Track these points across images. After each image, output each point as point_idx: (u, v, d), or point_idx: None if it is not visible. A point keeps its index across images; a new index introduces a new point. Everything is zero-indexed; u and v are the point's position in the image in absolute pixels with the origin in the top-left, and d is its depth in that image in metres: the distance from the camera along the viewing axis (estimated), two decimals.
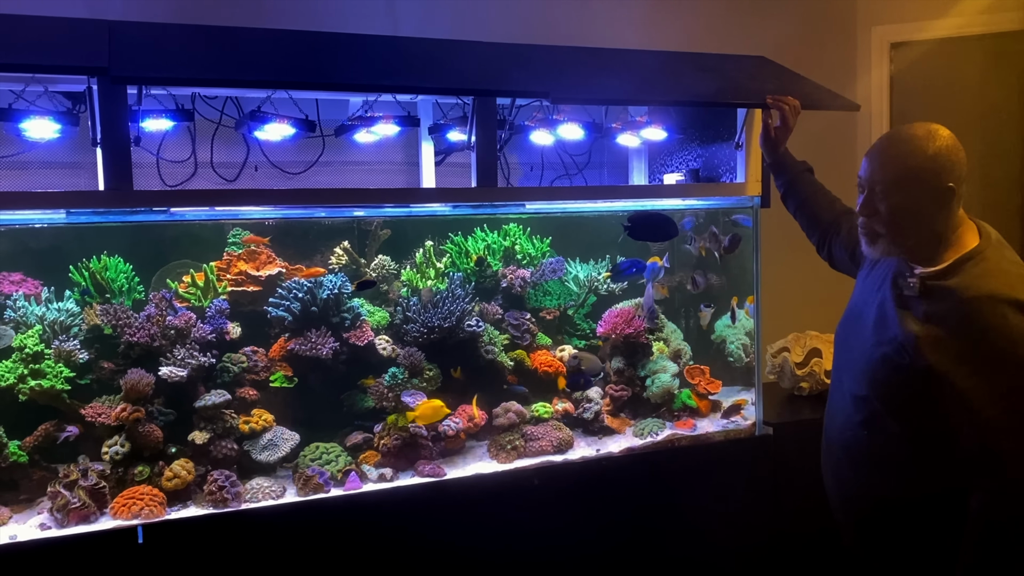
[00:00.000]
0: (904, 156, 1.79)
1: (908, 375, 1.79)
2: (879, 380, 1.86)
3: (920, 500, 1.86)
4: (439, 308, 2.84)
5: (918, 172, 1.78)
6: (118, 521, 2.31)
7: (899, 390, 1.83)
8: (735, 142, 2.94)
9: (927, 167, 1.77)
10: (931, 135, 1.78)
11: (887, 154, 1.83)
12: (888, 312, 1.87)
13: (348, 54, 2.63)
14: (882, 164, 1.83)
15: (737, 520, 2.92)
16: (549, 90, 2.42)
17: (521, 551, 2.64)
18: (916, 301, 1.81)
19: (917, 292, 1.81)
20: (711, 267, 3.26)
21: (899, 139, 1.82)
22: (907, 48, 4.00)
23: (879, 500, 1.94)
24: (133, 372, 2.49)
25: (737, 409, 3.10)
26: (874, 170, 1.84)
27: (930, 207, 1.79)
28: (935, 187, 1.78)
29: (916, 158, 1.78)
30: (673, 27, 3.65)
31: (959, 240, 1.82)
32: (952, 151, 1.78)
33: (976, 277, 1.75)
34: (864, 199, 1.87)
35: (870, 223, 1.87)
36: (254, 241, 2.80)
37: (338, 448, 2.66)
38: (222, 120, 2.89)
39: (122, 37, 2.26)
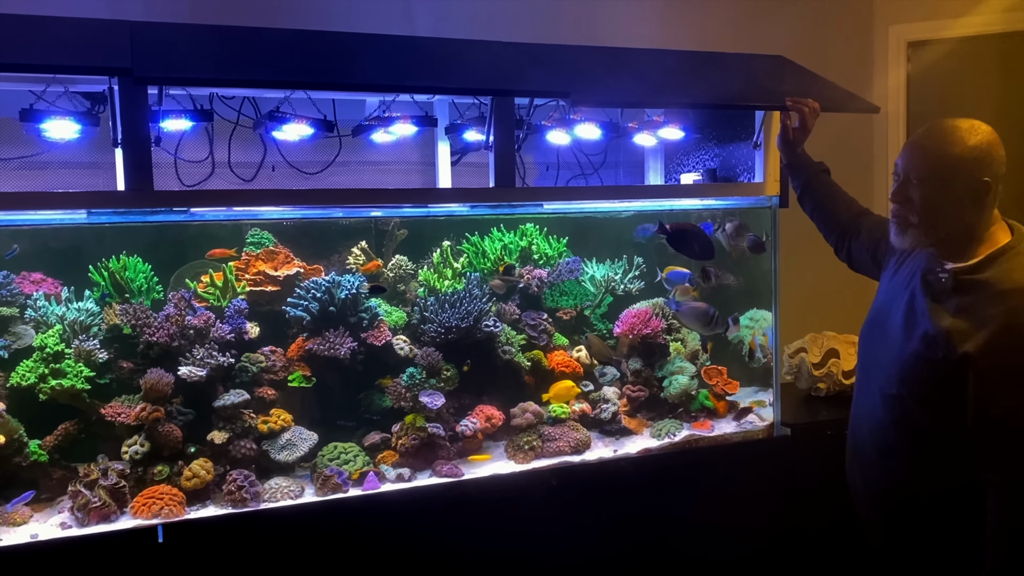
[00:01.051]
0: (943, 146, 1.79)
1: (941, 370, 1.79)
2: (911, 377, 1.86)
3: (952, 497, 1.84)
4: (457, 308, 2.84)
5: (956, 163, 1.78)
6: (138, 520, 2.32)
7: (932, 386, 1.83)
8: (753, 142, 2.92)
9: (966, 158, 1.77)
10: (973, 128, 1.79)
11: (926, 144, 1.83)
12: (918, 308, 1.86)
13: (366, 54, 2.63)
14: (921, 153, 1.83)
15: (755, 521, 2.91)
16: (569, 91, 2.41)
17: (539, 551, 2.64)
18: (948, 296, 1.81)
19: (950, 287, 1.80)
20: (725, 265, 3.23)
21: (940, 130, 1.82)
22: (925, 47, 3.97)
23: (910, 498, 1.93)
24: (153, 372, 2.50)
25: (747, 411, 3.09)
26: (912, 158, 1.84)
27: (964, 200, 1.79)
28: (972, 180, 1.78)
29: (955, 149, 1.78)
30: (688, 26, 3.64)
31: (991, 237, 1.82)
32: (992, 147, 1.78)
33: (1010, 271, 1.75)
34: (898, 186, 1.87)
35: (903, 211, 1.87)
36: (221, 255, 2.74)
37: (356, 448, 2.66)
38: (239, 120, 2.90)
39: (144, 37, 2.27)
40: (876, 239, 2.24)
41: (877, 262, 2.22)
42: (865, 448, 2.05)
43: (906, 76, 4.00)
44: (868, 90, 4.02)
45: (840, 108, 2.75)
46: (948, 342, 1.77)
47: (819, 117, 2.53)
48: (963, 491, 1.82)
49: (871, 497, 2.06)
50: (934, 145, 1.81)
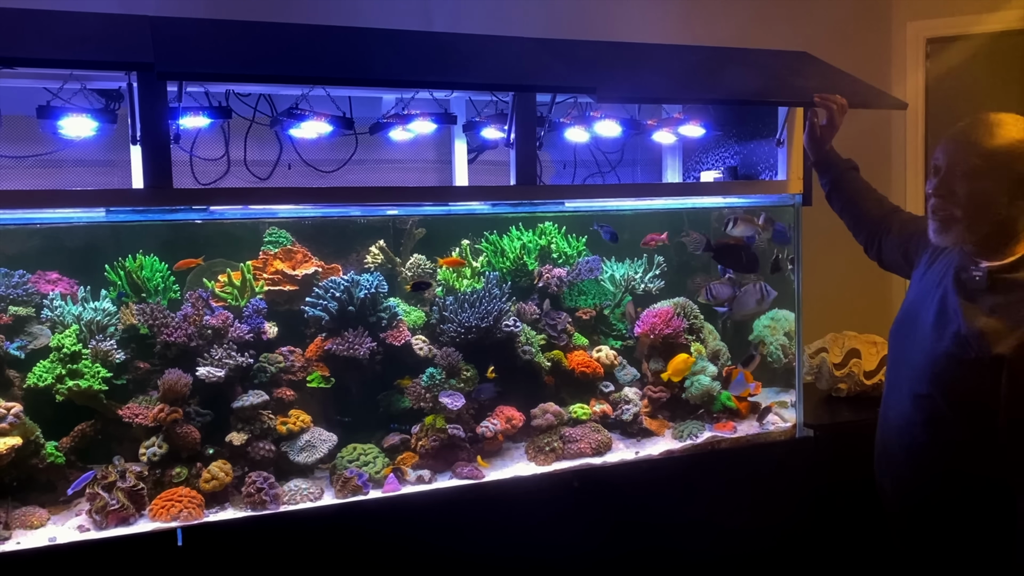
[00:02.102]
0: (989, 139, 1.77)
1: (973, 370, 1.76)
2: (943, 377, 1.83)
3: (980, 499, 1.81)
4: (476, 307, 2.81)
5: (1002, 157, 1.76)
6: (157, 523, 2.29)
7: (964, 386, 1.80)
8: (776, 139, 2.89)
9: (1013, 152, 1.75)
10: (1017, 122, 1.77)
11: (970, 137, 1.80)
12: (950, 307, 1.83)
13: (387, 50, 2.59)
14: (965, 146, 1.80)
15: (778, 523, 2.88)
16: (596, 86, 2.38)
17: (560, 554, 2.60)
18: (982, 295, 1.78)
19: (984, 286, 1.77)
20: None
21: (985, 123, 1.79)
22: (944, 44, 3.93)
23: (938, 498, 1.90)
24: (170, 372, 2.47)
25: (767, 411, 3.05)
26: (957, 152, 1.81)
27: (1007, 195, 1.77)
28: (1017, 175, 1.76)
29: (1001, 141, 1.76)
30: (705, 22, 3.60)
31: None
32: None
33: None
34: (940, 180, 1.84)
35: (946, 206, 1.83)
36: (187, 265, 2.69)
37: (376, 449, 2.63)
38: (255, 117, 2.86)
39: (164, 32, 2.23)
40: (907, 237, 2.21)
41: (908, 260, 2.19)
42: (894, 447, 2.02)
43: (925, 73, 3.96)
44: (887, 87, 3.98)
45: (868, 104, 2.71)
46: (981, 342, 1.74)
47: (847, 113, 2.50)
48: (991, 492, 1.79)
49: (901, 498, 2.04)
50: (979, 138, 1.78)
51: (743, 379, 2.91)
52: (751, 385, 2.92)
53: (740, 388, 2.92)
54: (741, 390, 2.92)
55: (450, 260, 2.92)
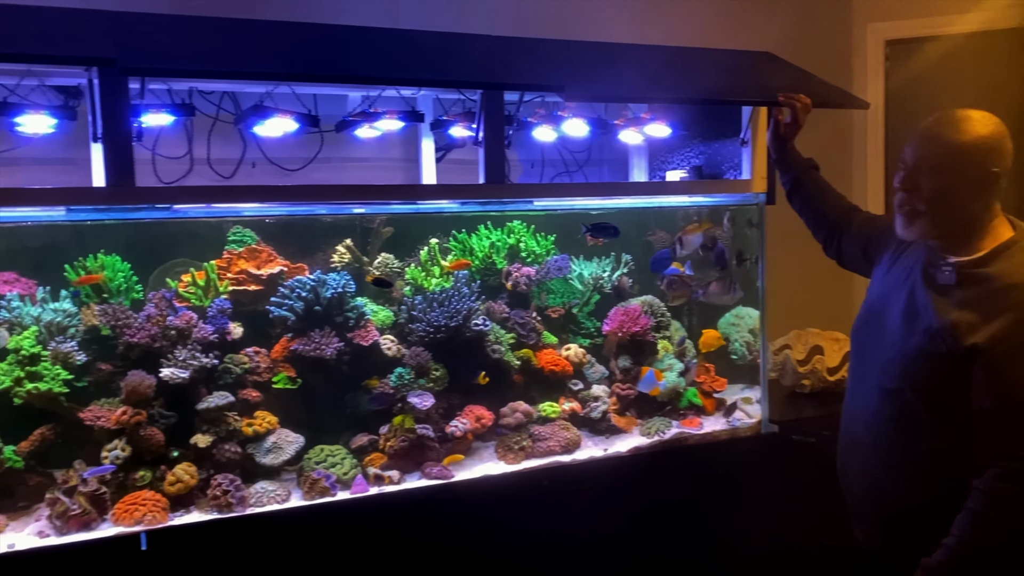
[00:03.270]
0: (955, 134, 1.79)
1: (944, 364, 1.79)
2: (914, 371, 1.85)
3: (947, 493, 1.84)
4: (445, 306, 2.80)
5: (967, 152, 1.78)
6: (120, 527, 2.24)
7: (933, 379, 1.83)
8: (740, 138, 2.92)
9: (978, 148, 1.77)
10: (985, 119, 1.79)
11: (938, 132, 1.82)
12: (920, 302, 1.86)
13: (352, 47, 2.57)
14: (932, 141, 1.82)
15: (745, 518, 2.90)
16: (564, 85, 2.38)
17: (530, 552, 2.60)
18: (951, 289, 1.81)
19: (954, 281, 1.80)
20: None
21: (952, 119, 1.82)
22: (904, 46, 4.00)
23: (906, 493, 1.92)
24: (133, 374, 2.43)
25: (734, 407, 3.09)
26: (923, 147, 1.84)
27: (973, 190, 1.80)
28: (981, 170, 1.78)
29: (967, 137, 1.78)
30: (671, 22, 3.63)
31: (994, 231, 1.82)
32: (1003, 138, 1.79)
33: (1016, 265, 1.76)
34: (906, 175, 1.86)
35: (911, 200, 1.86)
36: (89, 280, 2.60)
37: (343, 451, 2.61)
38: (219, 115, 2.83)
39: (126, 28, 2.19)
40: (867, 235, 2.24)
41: (868, 258, 2.22)
42: (861, 442, 2.04)
43: (884, 74, 4.03)
44: (848, 88, 4.04)
45: (831, 104, 2.75)
46: (953, 335, 1.77)
47: (810, 113, 2.53)
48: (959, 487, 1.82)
49: (865, 492, 2.06)
50: (946, 133, 1.81)
51: (652, 377, 2.94)
52: (661, 383, 2.95)
53: (650, 386, 2.95)
54: (651, 388, 2.95)
55: (456, 263, 2.92)
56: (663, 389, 3.00)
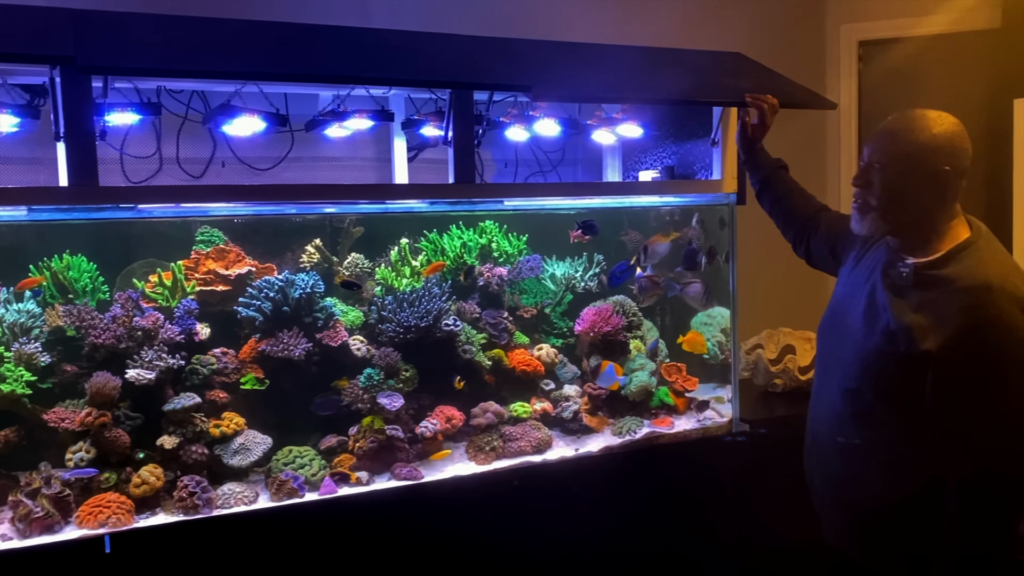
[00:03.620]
0: (907, 132, 1.81)
1: (902, 364, 1.79)
2: (872, 372, 1.86)
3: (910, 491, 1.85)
4: (415, 307, 2.79)
5: (919, 150, 1.79)
6: (84, 530, 2.22)
7: (892, 380, 1.83)
8: (711, 139, 2.93)
9: (929, 146, 1.78)
10: (939, 118, 1.80)
11: (891, 130, 1.84)
12: (879, 303, 1.87)
13: (322, 46, 2.56)
14: (885, 138, 1.84)
15: (716, 516, 2.92)
16: (532, 85, 2.38)
17: (501, 553, 2.60)
18: (909, 290, 1.82)
19: (911, 282, 1.81)
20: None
21: (907, 117, 1.83)
22: (876, 47, 4.03)
23: (868, 492, 1.93)
24: (98, 375, 2.40)
25: (705, 404, 3.10)
26: (876, 143, 1.86)
27: (923, 187, 1.80)
28: (932, 168, 1.79)
29: (920, 136, 1.79)
30: (644, 22, 3.63)
31: (951, 231, 1.83)
32: (957, 138, 1.80)
33: (971, 267, 1.76)
34: (860, 171, 1.89)
35: (863, 195, 1.88)
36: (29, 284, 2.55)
37: (312, 452, 2.59)
38: (188, 115, 2.81)
39: (88, 26, 2.17)
40: (835, 235, 2.25)
41: (835, 257, 2.23)
42: (824, 442, 2.06)
43: (858, 75, 4.06)
44: (821, 88, 4.07)
45: (799, 104, 2.76)
46: (910, 337, 1.77)
47: (777, 113, 2.54)
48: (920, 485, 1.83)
49: (830, 491, 2.07)
50: (899, 131, 1.82)
51: (612, 372, 2.94)
52: (622, 379, 2.96)
53: (609, 381, 2.96)
54: (610, 383, 2.96)
55: (432, 267, 2.92)
56: (623, 384, 3.00)
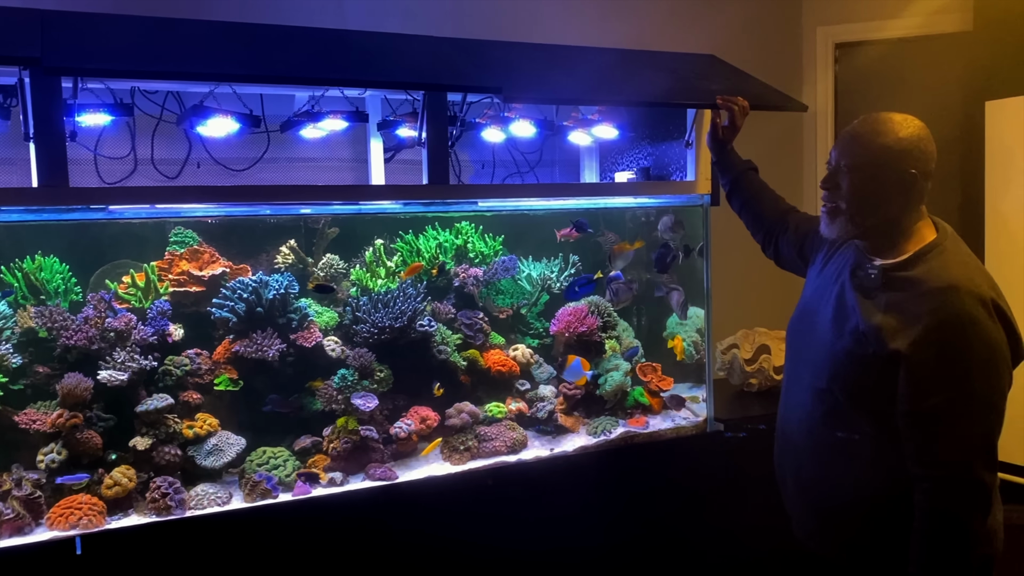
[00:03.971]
0: (875, 136, 1.83)
1: (871, 365, 1.81)
2: (841, 372, 1.88)
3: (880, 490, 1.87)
4: (390, 307, 2.79)
5: (885, 153, 1.81)
6: (55, 532, 2.22)
7: (861, 380, 1.85)
8: (685, 141, 2.95)
9: (895, 149, 1.80)
10: (905, 121, 1.82)
11: (858, 133, 1.86)
12: (848, 304, 1.88)
13: (294, 47, 2.56)
14: (853, 142, 1.86)
15: (691, 515, 2.94)
16: (501, 86, 2.39)
17: (476, 552, 2.61)
18: (877, 292, 1.84)
19: (879, 283, 1.83)
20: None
21: (873, 120, 1.85)
22: (852, 49, 4.07)
23: (839, 491, 1.95)
24: (70, 376, 2.40)
25: (680, 402, 3.12)
26: (844, 147, 1.87)
27: (891, 190, 1.82)
28: (899, 171, 1.81)
29: (886, 139, 1.81)
30: (622, 24, 3.65)
31: (918, 233, 1.85)
32: (922, 141, 1.82)
33: (937, 268, 1.78)
34: (829, 174, 1.90)
35: (833, 198, 1.89)
36: None
37: (286, 452, 2.60)
38: (163, 115, 2.80)
39: (56, 27, 2.16)
40: (803, 236, 2.27)
41: (804, 258, 2.25)
42: (794, 441, 2.07)
43: (834, 77, 4.09)
44: (797, 90, 4.10)
45: (770, 106, 2.79)
46: (878, 338, 1.79)
47: (749, 116, 2.56)
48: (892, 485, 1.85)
49: (800, 489, 2.09)
50: (866, 135, 1.84)
51: (578, 366, 2.96)
52: (588, 373, 2.97)
53: (575, 375, 2.98)
54: (577, 377, 2.98)
55: (410, 269, 2.93)
56: (591, 378, 3.01)
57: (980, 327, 1.72)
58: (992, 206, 3.34)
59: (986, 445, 1.75)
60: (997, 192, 3.32)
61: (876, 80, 4.01)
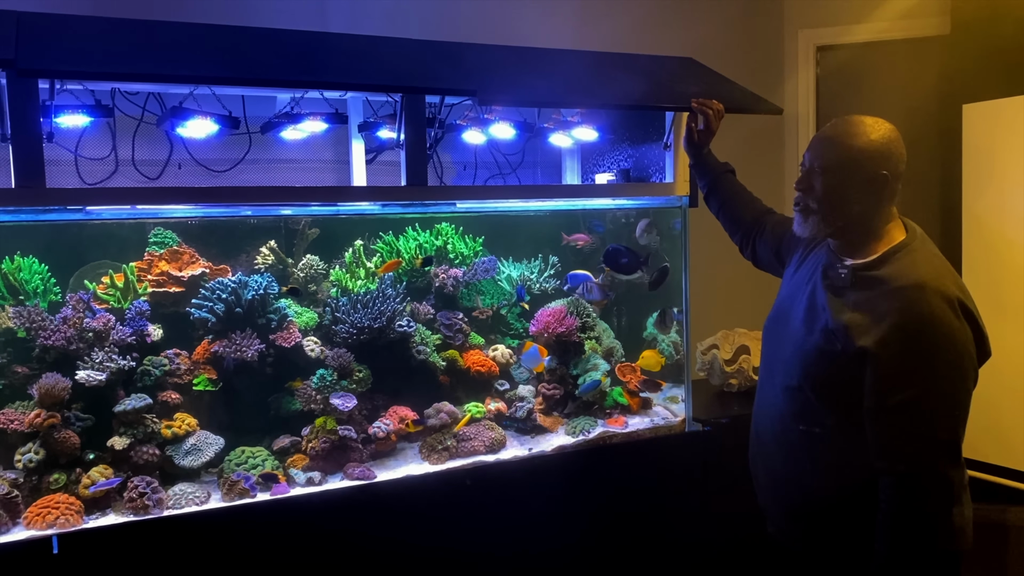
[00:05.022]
0: (846, 138, 1.86)
1: (839, 363, 1.84)
2: (812, 370, 1.91)
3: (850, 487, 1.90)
4: (369, 308, 2.81)
5: (857, 155, 1.84)
6: (32, 531, 2.23)
7: (830, 378, 1.88)
8: (663, 143, 2.97)
9: (866, 151, 1.84)
10: (876, 124, 1.86)
11: (831, 135, 1.90)
12: (818, 303, 1.92)
13: (274, 49, 2.58)
14: (825, 144, 1.90)
15: (670, 515, 2.96)
16: (477, 89, 2.41)
17: (453, 553, 2.63)
18: (847, 290, 1.87)
19: (849, 283, 1.86)
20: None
21: (845, 123, 1.89)
22: (833, 51, 4.10)
23: (810, 488, 1.97)
24: (48, 376, 2.41)
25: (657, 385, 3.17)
26: (817, 149, 1.91)
27: (862, 191, 1.86)
28: (870, 172, 1.84)
29: (857, 141, 1.85)
30: (602, 27, 3.67)
31: (888, 234, 1.89)
32: (893, 143, 1.85)
33: (905, 267, 1.82)
34: (802, 175, 1.94)
35: (805, 199, 1.93)
36: None
37: (264, 452, 2.61)
38: (144, 117, 2.81)
39: (31, 28, 2.18)
40: (779, 237, 2.30)
41: (780, 259, 2.28)
42: (767, 439, 2.10)
43: (815, 79, 4.12)
44: (779, 92, 4.13)
45: (745, 110, 2.81)
46: (846, 335, 1.82)
47: (724, 118, 2.59)
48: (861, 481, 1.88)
49: (773, 487, 2.11)
50: (838, 137, 1.88)
51: (536, 352, 2.98)
52: (546, 360, 2.99)
53: (533, 361, 3.00)
54: (535, 363, 3.00)
55: (387, 266, 2.94)
56: (548, 365, 3.03)
57: (946, 326, 1.75)
58: (969, 209, 3.37)
59: (950, 440, 1.78)
60: (974, 195, 3.35)
61: (856, 82, 4.04)
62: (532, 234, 3.28)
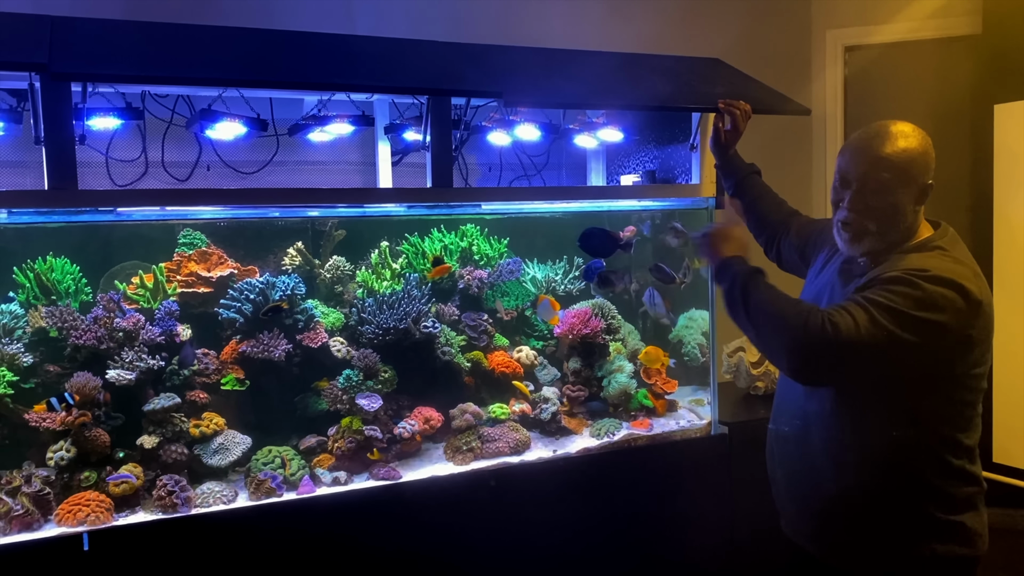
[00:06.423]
0: (897, 153, 1.80)
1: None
2: None
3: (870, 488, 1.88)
4: (395, 309, 2.82)
5: (908, 167, 1.80)
6: (63, 528, 2.26)
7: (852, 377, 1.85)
8: (689, 144, 2.95)
9: (916, 163, 1.80)
10: (915, 132, 1.82)
11: (879, 151, 1.81)
12: (836, 299, 1.90)
13: (302, 52, 2.60)
14: (876, 162, 1.81)
15: (693, 518, 2.94)
16: (503, 91, 2.41)
17: (478, 554, 2.63)
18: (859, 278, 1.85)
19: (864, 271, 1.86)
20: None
21: (888, 135, 1.81)
22: (861, 51, 4.06)
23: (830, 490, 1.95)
24: (79, 375, 2.44)
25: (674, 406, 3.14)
26: (866, 166, 1.82)
27: (913, 203, 1.83)
28: (921, 184, 1.82)
29: (907, 155, 1.80)
30: (628, 28, 3.66)
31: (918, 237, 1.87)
32: (929, 149, 1.83)
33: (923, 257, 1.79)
34: (854, 195, 1.84)
35: (860, 220, 1.84)
36: None
37: (291, 451, 2.63)
38: (173, 119, 2.85)
39: (64, 32, 2.21)
40: (805, 238, 2.28)
41: (805, 260, 2.26)
42: (786, 439, 2.08)
43: (843, 79, 4.08)
44: (806, 92, 4.10)
45: (772, 110, 2.79)
46: None
47: (751, 119, 2.57)
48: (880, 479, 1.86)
49: (790, 486, 2.09)
50: (887, 152, 1.80)
51: (548, 304, 2.96)
52: (560, 313, 2.98)
53: (548, 313, 2.98)
54: (550, 316, 2.99)
55: (438, 270, 2.96)
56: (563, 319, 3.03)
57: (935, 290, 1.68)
58: (1000, 209, 3.32)
59: (885, 340, 1.67)
60: (1005, 197, 3.31)
61: (885, 83, 4.00)
62: (557, 236, 3.28)
